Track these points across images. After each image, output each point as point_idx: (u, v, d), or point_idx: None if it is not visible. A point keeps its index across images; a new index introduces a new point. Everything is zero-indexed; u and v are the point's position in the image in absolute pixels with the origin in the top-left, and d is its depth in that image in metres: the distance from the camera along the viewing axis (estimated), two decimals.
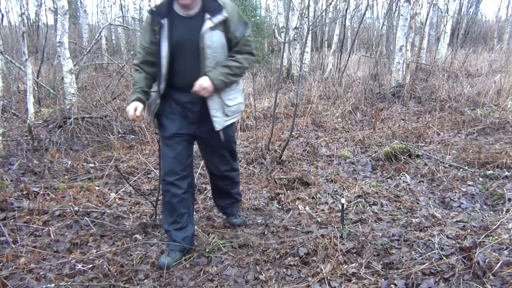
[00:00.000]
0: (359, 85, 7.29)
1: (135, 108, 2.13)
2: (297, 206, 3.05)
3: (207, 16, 2.07)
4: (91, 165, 3.90)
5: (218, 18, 2.07)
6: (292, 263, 2.25)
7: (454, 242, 2.35)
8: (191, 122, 2.26)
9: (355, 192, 3.23)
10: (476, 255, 2.06)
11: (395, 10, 9.67)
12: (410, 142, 4.50)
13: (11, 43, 10.69)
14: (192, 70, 2.12)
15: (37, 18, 12.22)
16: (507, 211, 2.76)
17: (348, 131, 5.23)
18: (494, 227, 2.46)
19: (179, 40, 2.10)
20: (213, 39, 2.07)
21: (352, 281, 2.06)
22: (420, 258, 2.22)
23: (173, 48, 2.10)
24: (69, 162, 3.88)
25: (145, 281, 2.13)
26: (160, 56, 2.12)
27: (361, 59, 10.64)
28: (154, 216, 2.80)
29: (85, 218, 2.77)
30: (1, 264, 2.21)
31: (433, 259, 2.18)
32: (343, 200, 2.59)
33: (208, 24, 2.05)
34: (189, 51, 2.11)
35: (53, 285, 1.98)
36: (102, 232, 2.63)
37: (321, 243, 2.38)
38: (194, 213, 2.71)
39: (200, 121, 2.25)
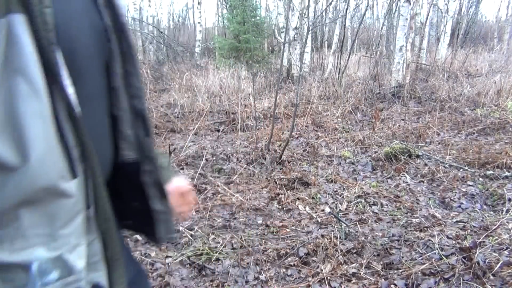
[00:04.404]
0: (359, 85, 7.29)
1: None
2: (297, 206, 3.05)
3: None
4: None
5: None
6: (292, 263, 2.25)
7: (454, 242, 2.36)
8: None
9: (355, 192, 3.23)
10: (476, 255, 2.06)
11: (395, 10, 9.67)
12: (410, 142, 4.50)
13: None
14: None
15: None
16: (507, 211, 2.76)
17: (348, 131, 5.23)
18: (494, 227, 2.46)
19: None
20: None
21: (352, 281, 2.07)
22: (420, 258, 2.23)
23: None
24: None
25: None
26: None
27: (361, 59, 10.64)
28: None
29: None
30: None
31: (433, 259, 2.18)
32: (327, 209, 2.67)
33: None
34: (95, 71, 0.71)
35: None
36: None
37: (321, 243, 2.38)
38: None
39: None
